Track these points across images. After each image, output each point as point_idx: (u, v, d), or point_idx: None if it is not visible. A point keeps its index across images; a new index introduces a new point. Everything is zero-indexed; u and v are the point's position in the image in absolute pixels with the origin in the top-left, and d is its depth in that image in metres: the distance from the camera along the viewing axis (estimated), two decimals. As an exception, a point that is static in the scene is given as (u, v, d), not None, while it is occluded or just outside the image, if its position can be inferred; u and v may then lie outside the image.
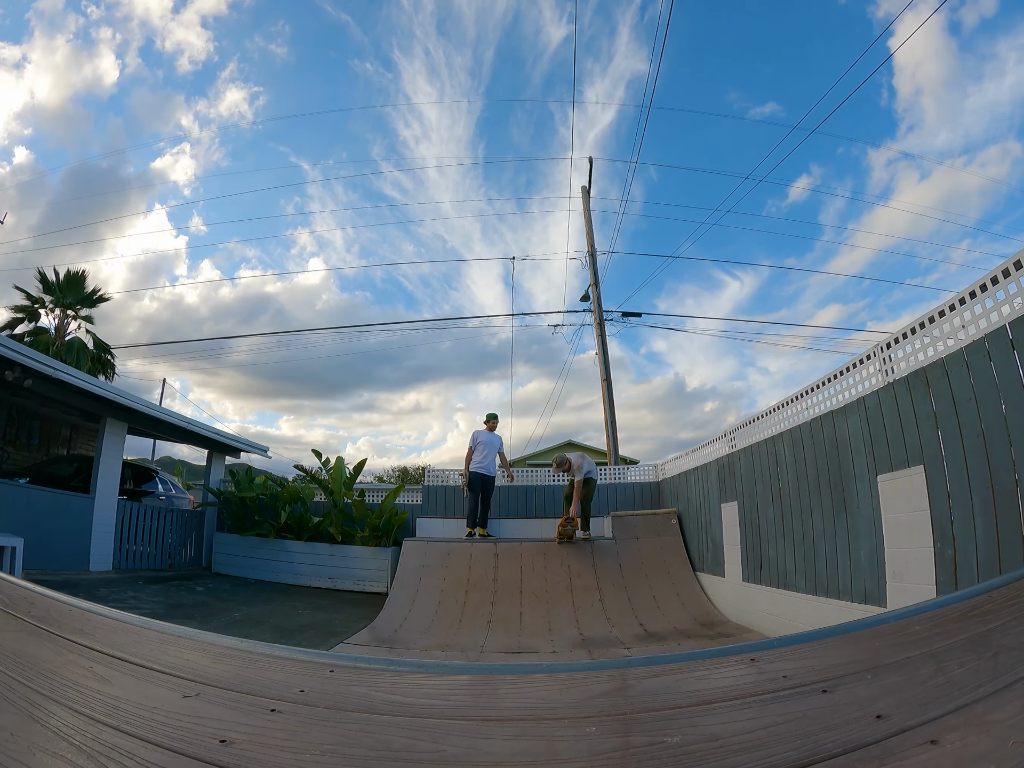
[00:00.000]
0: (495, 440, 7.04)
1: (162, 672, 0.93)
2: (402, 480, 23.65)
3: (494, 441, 7.02)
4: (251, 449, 9.51)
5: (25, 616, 1.22)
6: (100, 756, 0.63)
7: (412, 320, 50.66)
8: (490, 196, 66.14)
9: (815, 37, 42.24)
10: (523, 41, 56.09)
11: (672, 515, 6.45)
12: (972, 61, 53.37)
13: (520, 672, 1.13)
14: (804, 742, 0.61)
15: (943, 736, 0.58)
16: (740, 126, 46.29)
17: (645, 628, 4.80)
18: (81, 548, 6.21)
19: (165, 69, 71.72)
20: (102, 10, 67.70)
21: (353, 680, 0.97)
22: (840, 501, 3.57)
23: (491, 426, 7.12)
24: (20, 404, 7.92)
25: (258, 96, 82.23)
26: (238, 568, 7.49)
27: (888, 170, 56.72)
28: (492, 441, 6.98)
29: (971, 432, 2.53)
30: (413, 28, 59.40)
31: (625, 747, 0.68)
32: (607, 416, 10.94)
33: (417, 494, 8.06)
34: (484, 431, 7.03)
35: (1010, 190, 55.74)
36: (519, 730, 0.74)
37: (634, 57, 50.02)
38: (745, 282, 69.31)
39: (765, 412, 4.72)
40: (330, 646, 4.28)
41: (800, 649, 0.99)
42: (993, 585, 1.11)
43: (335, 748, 0.67)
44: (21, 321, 12.34)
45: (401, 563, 6.13)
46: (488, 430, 7.08)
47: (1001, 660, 0.77)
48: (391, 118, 77.96)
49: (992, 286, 2.46)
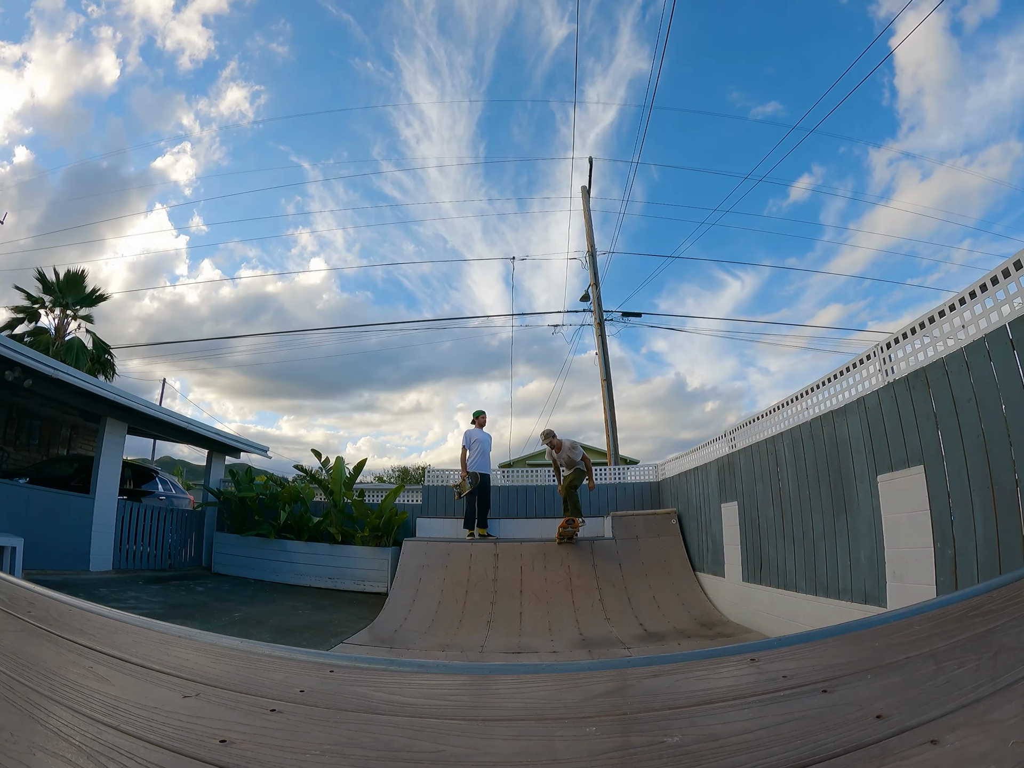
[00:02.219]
0: (488, 437, 7.01)
1: (162, 672, 0.93)
2: (402, 480, 23.65)
3: (487, 438, 6.99)
4: (251, 449, 9.52)
5: (25, 616, 1.22)
6: (100, 756, 0.63)
7: (412, 320, 50.69)
8: (491, 196, 66.17)
9: (817, 36, 42.28)
10: (524, 40, 56.15)
11: (672, 515, 6.45)
12: (973, 61, 53.38)
13: (520, 672, 1.13)
14: (804, 742, 0.61)
15: (943, 736, 0.58)
16: (741, 126, 46.33)
17: (645, 628, 4.80)
18: (81, 548, 6.21)
19: (166, 68, 71.68)
20: (103, 9, 67.71)
21: (353, 680, 0.97)
22: (840, 501, 3.57)
23: (481, 422, 7.06)
24: (20, 404, 7.92)
25: (259, 95, 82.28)
26: (238, 568, 7.49)
27: (889, 170, 56.71)
28: (486, 439, 6.95)
29: (971, 432, 2.53)
30: (414, 27, 59.42)
31: (625, 747, 0.68)
32: (607, 416, 10.94)
33: (417, 494, 8.07)
34: (475, 429, 6.98)
35: (1011, 190, 55.72)
36: (519, 730, 0.74)
37: (635, 56, 50.07)
38: (746, 282, 69.30)
39: (765, 412, 4.72)
40: (330, 646, 4.28)
41: (800, 649, 0.99)
42: (993, 585, 1.11)
43: (335, 748, 0.67)
44: (21, 321, 12.35)
45: (401, 563, 6.13)
46: (478, 427, 7.04)
47: (1001, 660, 0.77)
48: (392, 117, 78.05)
49: (992, 286, 2.46)
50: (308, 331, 29.32)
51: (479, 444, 6.79)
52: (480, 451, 6.78)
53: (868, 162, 54.87)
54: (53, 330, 12.45)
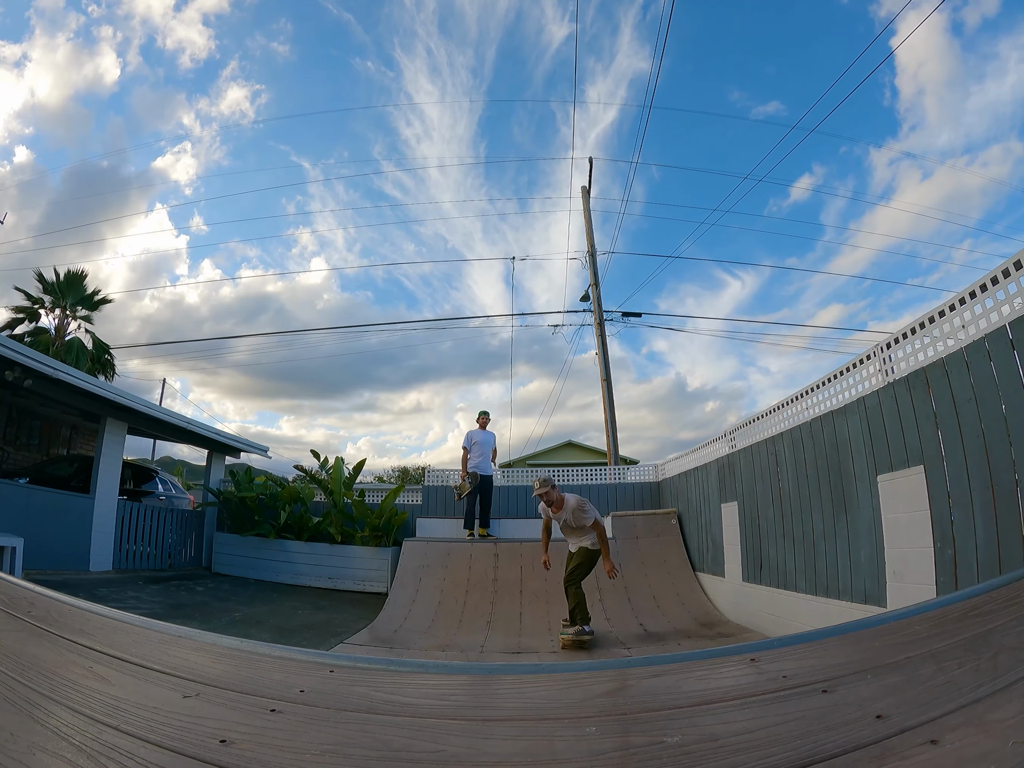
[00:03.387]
0: (489, 438, 6.98)
1: (162, 672, 0.93)
2: (402, 480, 23.65)
3: (488, 439, 6.95)
4: (251, 449, 9.52)
5: (25, 616, 1.22)
6: (100, 756, 0.63)
7: (413, 320, 50.66)
8: (491, 196, 66.20)
9: (818, 36, 42.26)
10: (525, 40, 56.12)
11: (672, 515, 6.45)
12: (974, 61, 53.42)
13: (520, 672, 1.13)
14: (804, 742, 0.61)
15: (943, 736, 0.58)
16: (742, 125, 46.32)
17: (645, 628, 4.80)
18: (81, 548, 6.21)
19: (166, 67, 71.65)
20: (103, 8, 67.73)
21: (353, 680, 0.97)
22: (840, 501, 3.57)
23: (483, 422, 7.04)
24: (20, 404, 7.92)
25: (259, 94, 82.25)
26: (238, 568, 7.49)
27: (890, 169, 56.71)
28: (487, 439, 6.93)
29: (971, 432, 2.53)
30: (415, 27, 59.39)
31: (625, 747, 0.68)
32: (607, 416, 10.94)
33: (417, 494, 8.07)
34: (477, 430, 6.97)
35: (1012, 190, 55.73)
36: (519, 730, 0.74)
37: (636, 56, 50.04)
38: (746, 282, 69.34)
39: (765, 412, 4.72)
40: (330, 646, 4.28)
41: (800, 649, 0.99)
42: (993, 585, 1.11)
43: (335, 748, 0.67)
44: (21, 321, 12.35)
45: (401, 563, 6.13)
46: (480, 427, 7.02)
47: (1001, 660, 0.77)
48: (392, 117, 78.02)
49: (992, 286, 2.46)
50: (308, 331, 29.35)
51: (479, 446, 6.78)
52: (481, 452, 6.78)
53: (869, 162, 54.90)
54: (53, 330, 12.45)
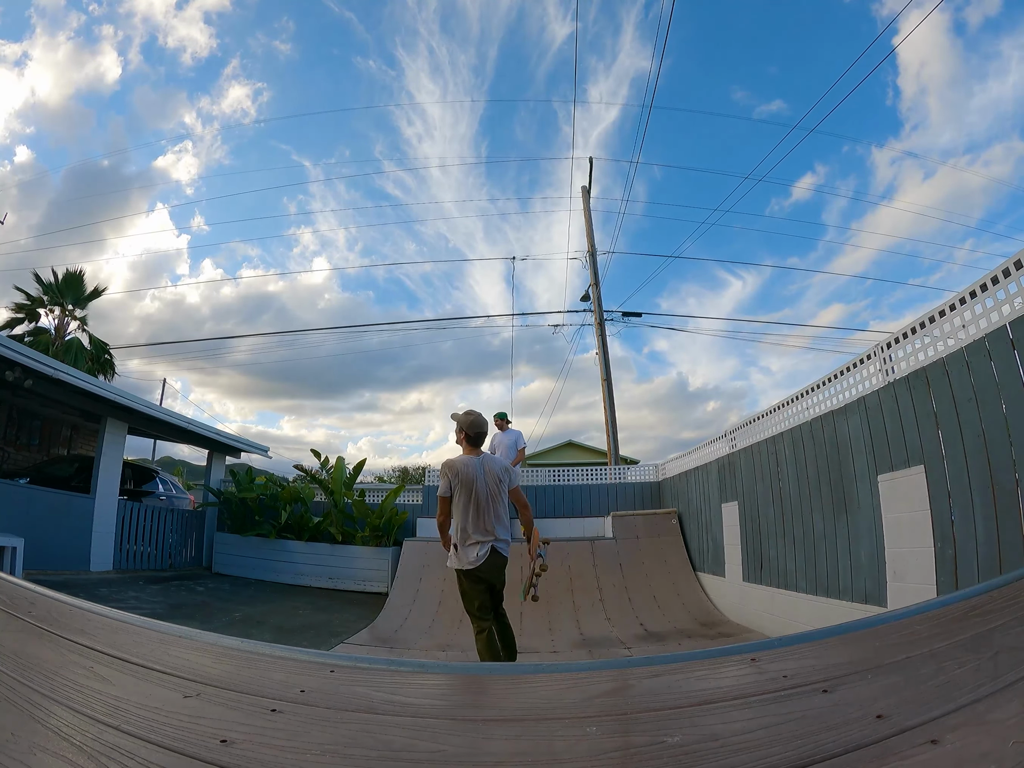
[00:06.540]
0: (506, 439, 6.75)
1: (163, 672, 0.93)
2: (403, 480, 23.64)
3: (506, 440, 6.73)
4: (251, 449, 9.52)
5: (26, 616, 1.22)
6: (101, 756, 0.63)
7: (414, 320, 50.65)
8: (492, 195, 66.18)
9: (820, 35, 42.26)
10: (527, 39, 56.16)
11: (672, 515, 6.45)
12: (976, 60, 53.41)
13: (520, 672, 1.13)
14: (804, 742, 0.61)
15: (943, 736, 0.58)
16: (743, 125, 46.33)
17: (645, 628, 4.81)
18: (81, 548, 6.22)
19: (168, 66, 71.79)
20: (104, 7, 67.83)
21: (354, 680, 0.97)
22: (840, 501, 3.57)
23: (499, 425, 6.83)
24: (20, 404, 7.92)
25: (261, 93, 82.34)
26: (239, 568, 7.49)
27: (892, 169, 56.75)
28: (503, 440, 6.72)
29: (971, 432, 2.53)
30: (417, 26, 59.44)
31: (625, 747, 0.68)
32: (608, 416, 10.94)
33: (417, 494, 8.06)
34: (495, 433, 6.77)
35: (1013, 189, 55.70)
36: (519, 730, 0.74)
37: (638, 55, 50.05)
38: (748, 281, 69.38)
39: (766, 412, 4.72)
40: (331, 646, 4.28)
41: (800, 649, 0.99)
42: (993, 585, 1.11)
43: (335, 748, 0.67)
44: (21, 321, 12.35)
45: (401, 563, 6.13)
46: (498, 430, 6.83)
47: (1001, 660, 0.77)
48: (394, 116, 78.09)
49: (992, 286, 2.46)
50: (309, 331, 29.37)
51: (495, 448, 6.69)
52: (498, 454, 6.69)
53: (871, 161, 54.90)
54: (53, 330, 12.46)
